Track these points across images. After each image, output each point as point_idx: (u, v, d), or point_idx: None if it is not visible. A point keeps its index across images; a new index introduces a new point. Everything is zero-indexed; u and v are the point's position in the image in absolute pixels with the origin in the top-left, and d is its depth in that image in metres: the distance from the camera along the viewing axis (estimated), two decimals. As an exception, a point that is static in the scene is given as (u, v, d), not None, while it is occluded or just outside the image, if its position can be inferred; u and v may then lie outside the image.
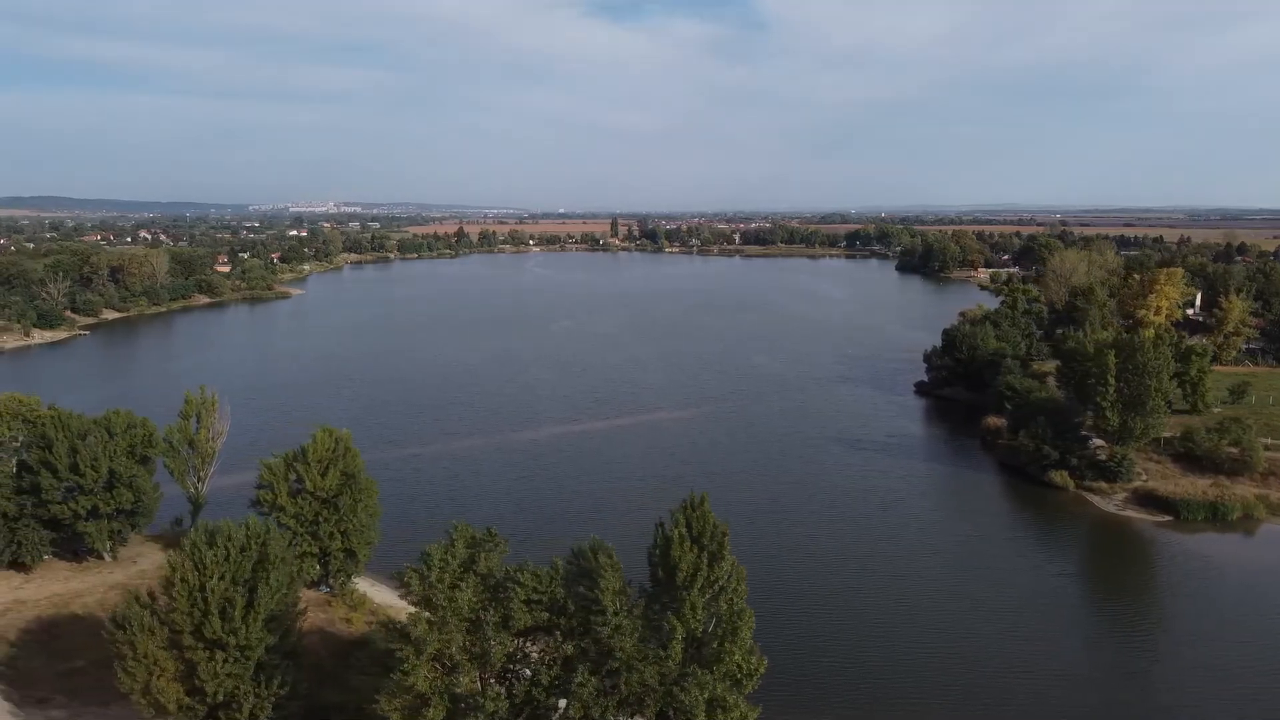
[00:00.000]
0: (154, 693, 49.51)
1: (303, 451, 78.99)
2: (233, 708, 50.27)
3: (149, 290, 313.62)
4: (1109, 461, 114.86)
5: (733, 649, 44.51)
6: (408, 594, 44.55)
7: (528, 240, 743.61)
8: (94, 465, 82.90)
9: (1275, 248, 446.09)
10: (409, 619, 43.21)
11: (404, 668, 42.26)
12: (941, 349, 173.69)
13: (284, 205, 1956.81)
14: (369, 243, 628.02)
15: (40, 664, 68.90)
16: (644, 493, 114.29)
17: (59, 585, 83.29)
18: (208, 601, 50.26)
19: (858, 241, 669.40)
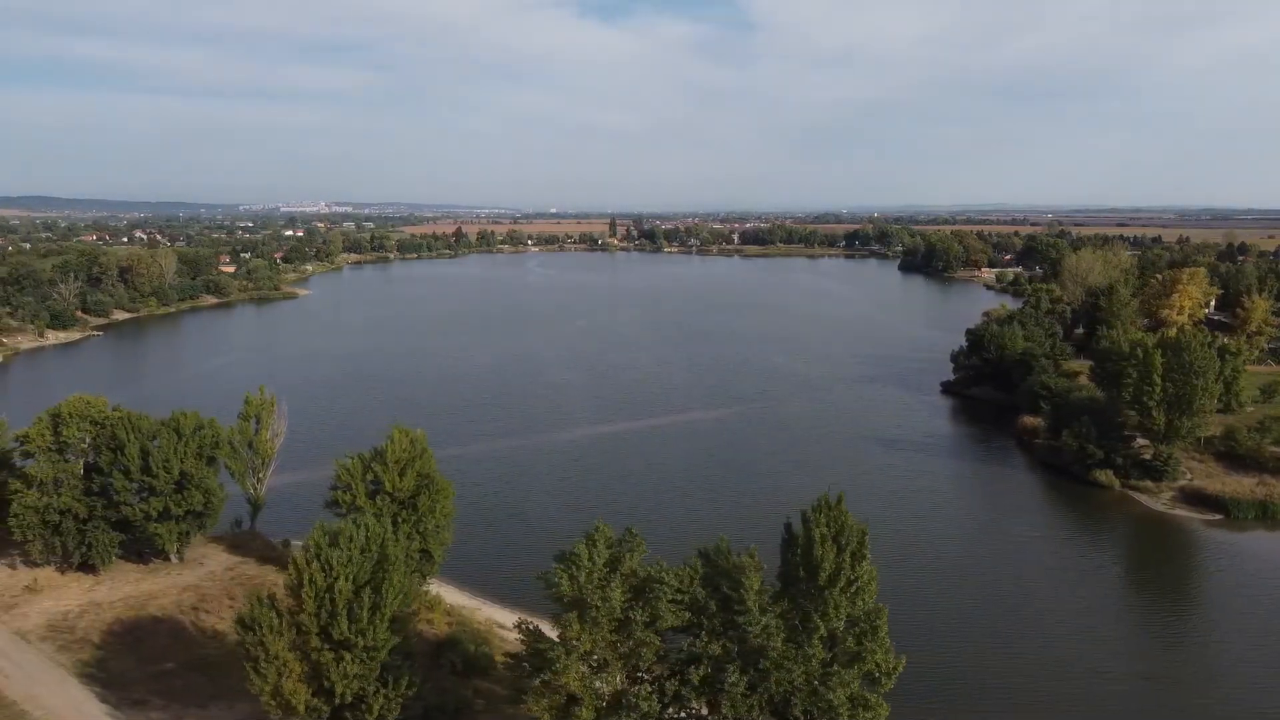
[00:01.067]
0: (285, 694, 49.50)
1: (380, 452, 78.92)
2: (361, 708, 50.32)
3: (158, 290, 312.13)
4: (1154, 461, 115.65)
5: (873, 647, 44.79)
6: (555, 594, 44.51)
7: (526, 240, 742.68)
8: (166, 466, 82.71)
9: (1276, 247, 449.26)
10: (563, 619, 43.26)
11: (555, 667, 42.36)
12: (968, 349, 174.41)
13: (274, 205, 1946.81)
14: (368, 243, 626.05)
15: (130, 666, 68.76)
16: (694, 494, 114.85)
17: (130, 587, 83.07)
18: (335, 603, 50.31)
19: (856, 241, 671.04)
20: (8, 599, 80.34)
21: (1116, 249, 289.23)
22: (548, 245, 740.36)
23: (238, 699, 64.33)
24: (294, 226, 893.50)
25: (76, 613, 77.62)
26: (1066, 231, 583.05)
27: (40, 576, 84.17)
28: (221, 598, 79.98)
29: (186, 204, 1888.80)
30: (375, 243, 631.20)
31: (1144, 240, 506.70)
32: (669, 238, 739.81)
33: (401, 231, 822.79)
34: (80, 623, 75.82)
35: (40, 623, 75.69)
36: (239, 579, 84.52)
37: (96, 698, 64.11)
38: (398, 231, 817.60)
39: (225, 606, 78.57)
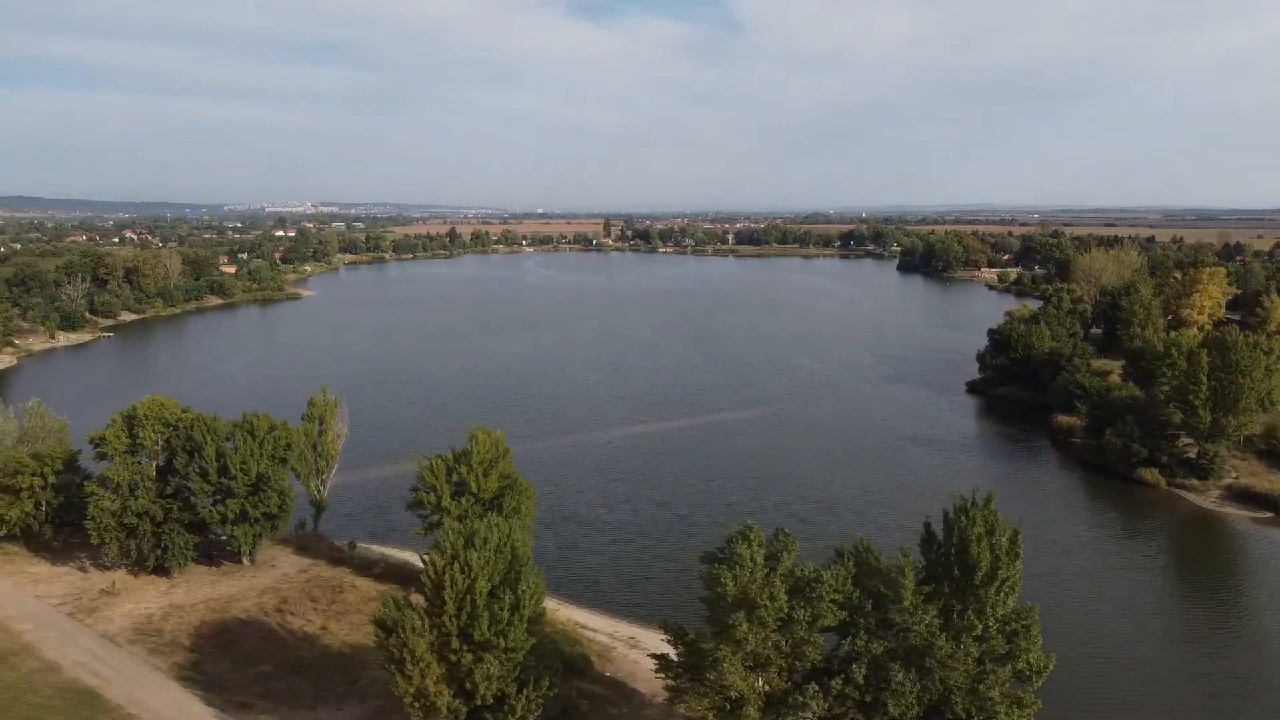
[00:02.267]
0: (429, 695, 49.59)
1: (465, 453, 79.01)
2: (503, 709, 50.44)
3: (163, 292, 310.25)
4: (1200, 459, 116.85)
5: (1027, 646, 45.26)
6: (717, 593, 44.73)
7: (520, 241, 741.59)
8: (244, 468, 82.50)
9: (1270, 247, 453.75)
10: (731, 619, 43.49)
11: (722, 667, 42.61)
12: (994, 348, 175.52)
13: (260, 205, 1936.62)
14: (364, 243, 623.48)
15: (226, 668, 68.59)
16: (745, 496, 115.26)
17: (207, 589, 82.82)
18: (475, 604, 50.45)
19: (851, 242, 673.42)
20: (86, 602, 79.97)
21: (1127, 249, 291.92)
22: (542, 246, 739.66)
23: (345, 701, 64.48)
24: (284, 227, 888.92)
25: (159, 615, 77.35)
26: (1060, 231, 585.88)
27: (116, 579, 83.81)
28: (303, 600, 79.81)
29: (171, 204, 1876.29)
30: (371, 243, 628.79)
31: (1140, 240, 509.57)
32: (664, 238, 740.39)
33: (393, 232, 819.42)
34: (166, 625, 75.56)
35: (125, 625, 75.40)
36: (315, 581, 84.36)
37: (201, 700, 63.93)
38: (388, 232, 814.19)
39: (309, 608, 78.49)
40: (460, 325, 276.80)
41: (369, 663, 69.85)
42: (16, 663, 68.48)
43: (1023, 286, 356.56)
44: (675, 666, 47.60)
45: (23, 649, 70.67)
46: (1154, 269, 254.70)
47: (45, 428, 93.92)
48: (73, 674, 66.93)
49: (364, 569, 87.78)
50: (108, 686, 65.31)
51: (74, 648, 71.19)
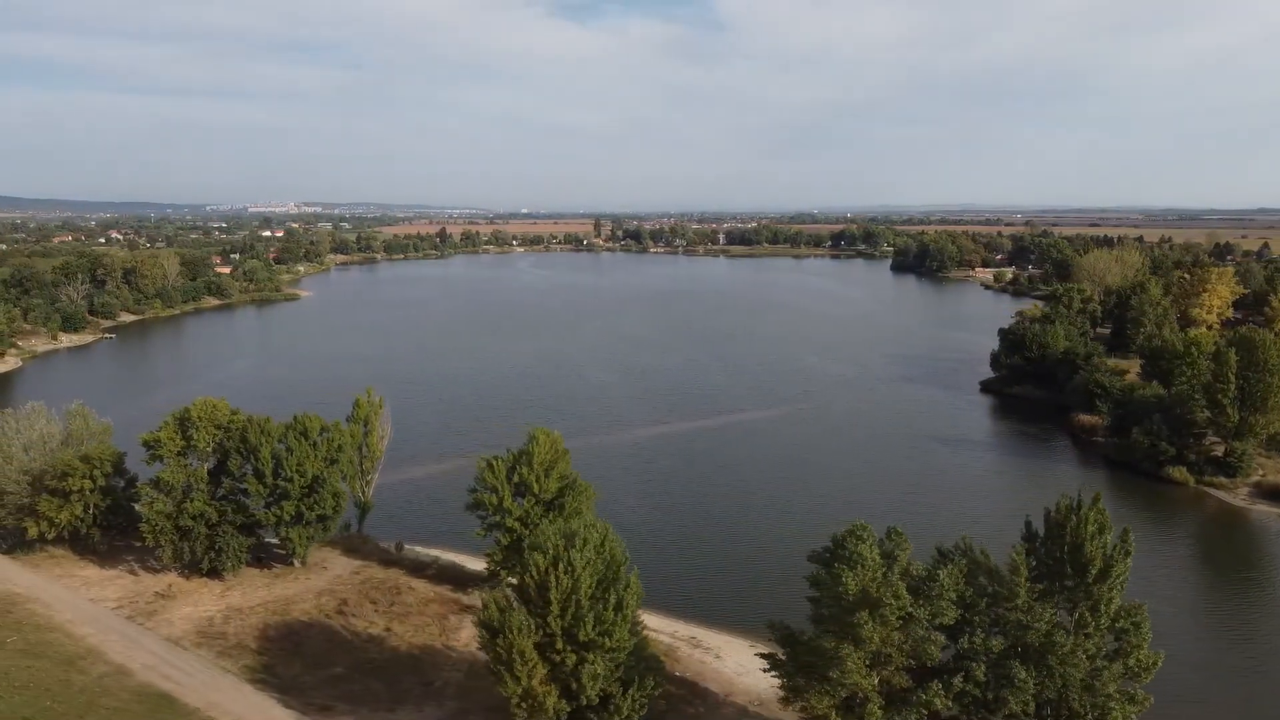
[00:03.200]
0: (537, 695, 49.69)
1: (525, 453, 78.94)
2: (609, 709, 50.60)
3: (162, 292, 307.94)
4: (1227, 457, 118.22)
5: (1137, 642, 45.81)
6: (836, 592, 45.03)
7: (511, 241, 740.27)
8: (300, 470, 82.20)
9: (1259, 247, 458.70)
10: (855, 617, 43.80)
11: (848, 665, 42.94)
12: (1009, 348, 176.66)
13: (243, 205, 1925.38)
14: (355, 244, 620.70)
15: (298, 670, 68.44)
16: (778, 495, 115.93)
17: (263, 591, 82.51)
18: (580, 604, 50.59)
19: (842, 242, 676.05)
20: (143, 605, 79.56)
21: (1128, 249, 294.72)
22: (533, 246, 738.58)
23: (422, 702, 64.50)
24: (270, 227, 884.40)
25: (220, 618, 77.03)
26: (1049, 231, 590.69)
27: (171, 582, 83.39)
28: (362, 602, 79.63)
29: (153, 204, 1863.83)
30: (362, 243, 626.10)
31: (1130, 240, 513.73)
32: (654, 238, 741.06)
33: (380, 232, 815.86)
34: (228, 628, 75.27)
35: (188, 628, 75.08)
36: (370, 583, 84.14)
37: (278, 703, 63.75)
38: (375, 232, 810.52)
39: (370, 610, 78.34)
40: (465, 326, 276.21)
41: (439, 664, 70.04)
42: (85, 666, 68.05)
43: (1020, 286, 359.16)
44: (786, 665, 47.88)
45: (89, 652, 70.24)
46: (1155, 269, 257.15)
47: (89, 430, 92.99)
48: (144, 677, 66.56)
49: (417, 570, 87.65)
50: (182, 690, 65.00)
51: (140, 650, 70.81)
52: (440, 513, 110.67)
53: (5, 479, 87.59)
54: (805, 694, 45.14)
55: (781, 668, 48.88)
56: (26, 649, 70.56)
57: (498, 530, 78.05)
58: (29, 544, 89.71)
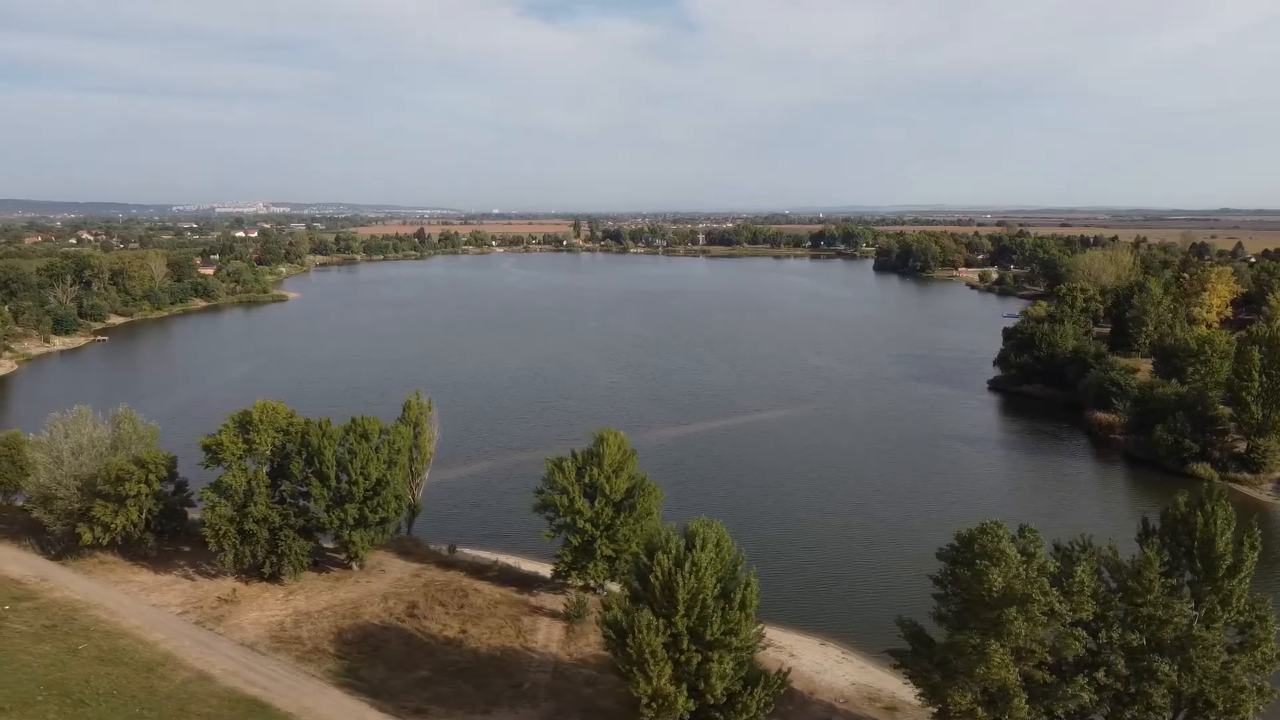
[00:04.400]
0: (668, 695, 49.88)
1: (594, 454, 79.07)
2: (736, 708, 50.89)
3: (149, 294, 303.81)
4: (1250, 453, 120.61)
5: (1264, 635, 46.83)
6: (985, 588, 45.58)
7: (490, 241, 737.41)
8: (364, 473, 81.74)
9: (1233, 247, 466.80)
10: (1003, 613, 44.40)
11: (994, 661, 43.55)
12: (1018, 347, 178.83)
13: (209, 205, 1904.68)
14: (334, 244, 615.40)
15: (383, 674, 68.11)
16: (813, 496, 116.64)
17: (326, 595, 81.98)
18: (706, 604, 50.90)
19: (822, 242, 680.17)
20: (208, 610, 78.78)
21: (1121, 249, 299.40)
22: (513, 246, 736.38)
23: (516, 704, 64.47)
24: (242, 227, 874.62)
25: (290, 622, 76.44)
26: (1024, 231, 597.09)
27: (232, 587, 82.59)
28: (432, 605, 79.28)
29: (117, 205, 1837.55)
30: (341, 244, 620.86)
31: (1104, 240, 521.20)
32: (635, 238, 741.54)
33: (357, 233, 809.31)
34: (300, 632, 74.71)
35: (261, 633, 74.44)
36: (433, 585, 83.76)
37: (372, 707, 63.45)
38: (354, 232, 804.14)
39: (441, 613, 78.03)
40: (463, 327, 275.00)
41: (523, 666, 69.96)
42: (166, 673, 67.34)
43: (1006, 286, 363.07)
44: (921, 663, 48.42)
45: (165, 658, 69.49)
46: (1146, 268, 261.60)
47: (137, 434, 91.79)
48: (228, 683, 65.96)
49: (477, 573, 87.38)
50: (270, 695, 64.51)
51: (216, 656, 70.15)
52: (478, 515, 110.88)
53: (55, 483, 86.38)
54: (944, 691, 45.63)
55: (914, 665, 49.43)
56: (101, 656, 69.74)
57: (568, 531, 78.06)
58: (78, 550, 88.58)
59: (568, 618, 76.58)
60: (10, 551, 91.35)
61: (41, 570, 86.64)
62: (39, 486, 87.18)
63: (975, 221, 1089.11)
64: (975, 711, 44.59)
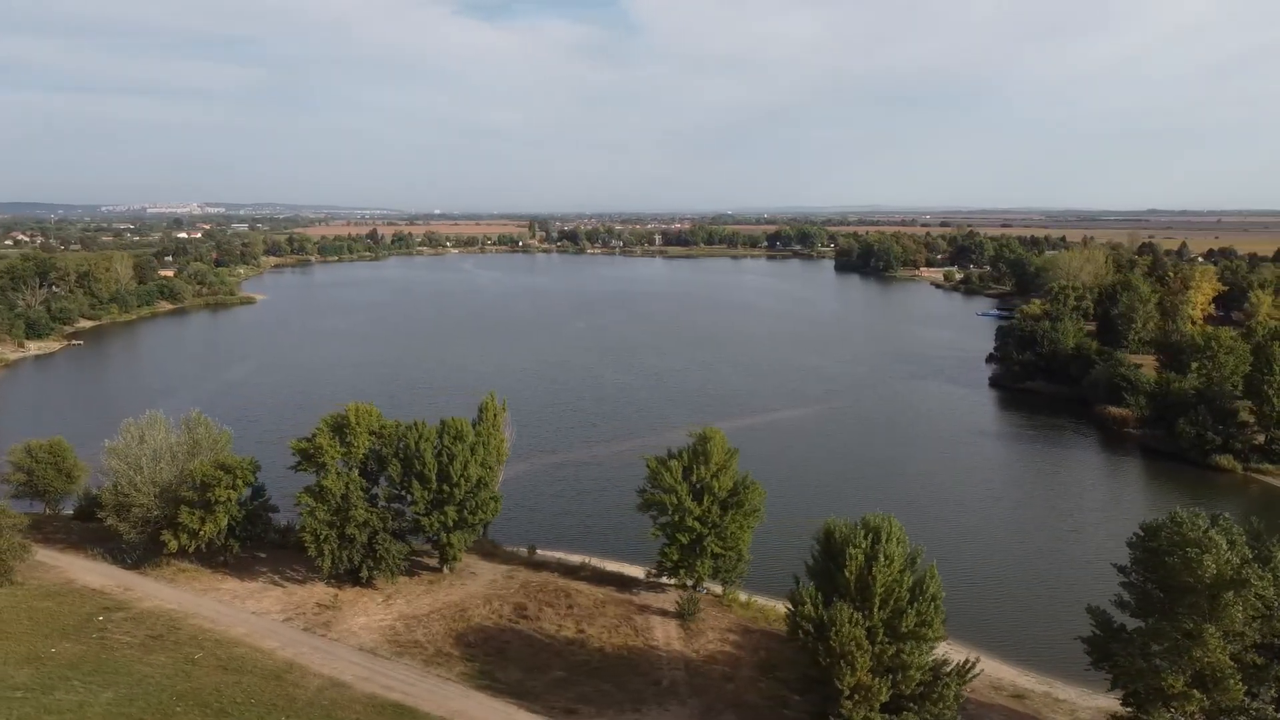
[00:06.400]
0: (870, 687, 50.79)
1: (703, 454, 79.60)
2: (931, 698, 52.00)
3: (117, 297, 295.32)
4: (1270, 445, 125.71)
5: None
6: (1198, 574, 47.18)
7: (445, 242, 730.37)
8: (465, 474, 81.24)
9: (1178, 246, 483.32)
10: (1223, 598, 46.13)
11: (1211, 645, 45.25)
12: (1020, 344, 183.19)
13: (142, 206, 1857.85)
14: (288, 246, 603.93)
15: (519, 676, 67.92)
16: (865, 491, 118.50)
17: (426, 599, 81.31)
18: (900, 597, 51.97)
19: (778, 243, 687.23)
20: (311, 616, 77.65)
21: (1094, 249, 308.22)
22: (467, 247, 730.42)
23: (665, 700, 64.83)
24: (182, 228, 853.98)
25: (401, 627, 75.70)
26: (975, 232, 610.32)
27: (330, 593, 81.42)
28: (540, 606, 79.07)
29: (43, 204, 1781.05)
30: (295, 245, 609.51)
31: (1055, 241, 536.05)
32: (591, 239, 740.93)
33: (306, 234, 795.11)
34: (416, 636, 74.05)
35: (377, 638, 73.62)
36: (531, 587, 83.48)
37: (521, 709, 63.29)
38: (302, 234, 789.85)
39: (552, 614, 77.90)
40: (446, 329, 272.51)
41: (655, 663, 70.23)
42: (296, 680, 66.33)
43: (971, 285, 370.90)
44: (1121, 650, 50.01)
45: (289, 666, 68.42)
46: (1118, 268, 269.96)
47: (211, 438, 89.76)
48: (365, 689, 65.23)
49: (569, 574, 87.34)
50: (413, 700, 63.95)
51: (341, 662, 69.26)
52: (537, 518, 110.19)
53: (135, 490, 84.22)
54: (1146, 676, 47.20)
55: (1104, 650, 51.10)
56: (222, 665, 68.43)
57: (677, 530, 78.39)
58: (155, 558, 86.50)
59: (680, 616, 77.01)
60: (82, 561, 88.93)
61: (122, 580, 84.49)
62: (116, 494, 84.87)
63: (918, 222, 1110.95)
64: (1191, 694, 46.36)
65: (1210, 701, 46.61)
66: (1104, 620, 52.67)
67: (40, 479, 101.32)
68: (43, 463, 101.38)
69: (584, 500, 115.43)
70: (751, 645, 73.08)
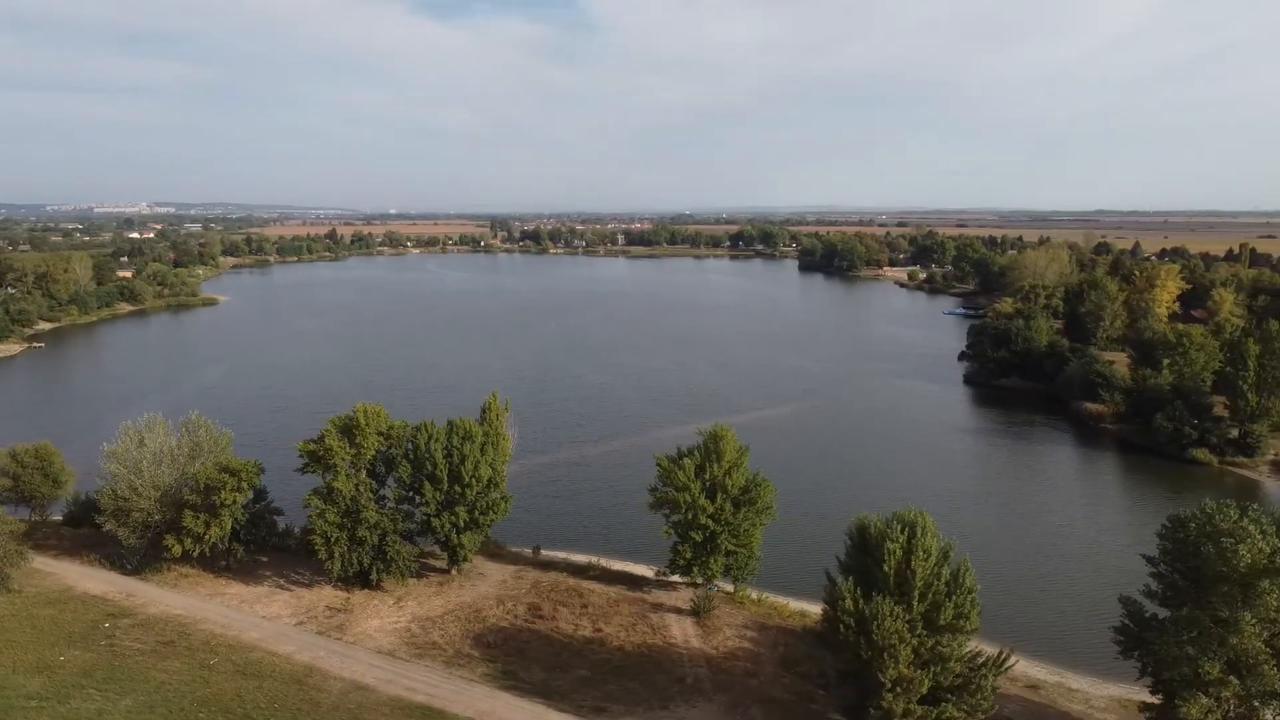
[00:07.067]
0: (912, 680, 51.54)
1: (715, 452, 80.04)
2: (969, 689, 52.88)
3: (76, 298, 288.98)
4: (1244, 438, 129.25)
5: None
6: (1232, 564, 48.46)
7: (405, 242, 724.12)
8: (476, 474, 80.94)
9: (1131, 245, 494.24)
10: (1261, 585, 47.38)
11: (1247, 632, 46.61)
12: (994, 342, 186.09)
13: (88, 205, 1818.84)
14: (246, 246, 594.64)
15: (544, 676, 67.91)
16: (862, 487, 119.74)
17: (438, 600, 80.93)
18: (938, 590, 52.80)
19: (740, 242, 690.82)
20: (323, 620, 76.92)
21: (1057, 249, 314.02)
22: (428, 247, 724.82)
23: (692, 697, 65.24)
24: (132, 228, 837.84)
25: (417, 629, 75.27)
26: (934, 232, 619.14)
27: (337, 596, 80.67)
28: (555, 606, 79.00)
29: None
30: (253, 245, 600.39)
31: (1013, 241, 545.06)
32: (553, 239, 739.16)
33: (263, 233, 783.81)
34: (433, 637, 73.69)
35: (394, 641, 73.15)
36: (542, 586, 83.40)
37: (550, 708, 63.28)
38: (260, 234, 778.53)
39: (567, 614, 77.85)
40: (419, 331, 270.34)
41: (676, 661, 70.55)
42: (318, 684, 65.70)
43: (935, 285, 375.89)
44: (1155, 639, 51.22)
45: (309, 670, 67.73)
46: (1081, 267, 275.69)
47: (212, 440, 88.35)
48: (389, 691, 64.78)
49: (577, 573, 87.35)
50: (440, 701, 63.65)
51: (361, 665, 68.69)
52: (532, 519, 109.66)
53: (135, 494, 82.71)
54: (1183, 664, 48.48)
55: (1138, 639, 52.37)
56: (240, 670, 67.58)
57: (690, 528, 78.74)
58: (155, 564, 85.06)
59: (695, 613, 77.44)
60: (79, 568, 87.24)
61: (122, 586, 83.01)
62: (115, 498, 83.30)
63: (875, 222, 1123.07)
64: (1228, 680, 47.73)
65: (1244, 687, 48.06)
66: (1135, 610, 53.97)
67: (27, 484, 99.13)
68: (29, 467, 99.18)
69: (579, 500, 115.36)
70: (769, 641, 73.69)
